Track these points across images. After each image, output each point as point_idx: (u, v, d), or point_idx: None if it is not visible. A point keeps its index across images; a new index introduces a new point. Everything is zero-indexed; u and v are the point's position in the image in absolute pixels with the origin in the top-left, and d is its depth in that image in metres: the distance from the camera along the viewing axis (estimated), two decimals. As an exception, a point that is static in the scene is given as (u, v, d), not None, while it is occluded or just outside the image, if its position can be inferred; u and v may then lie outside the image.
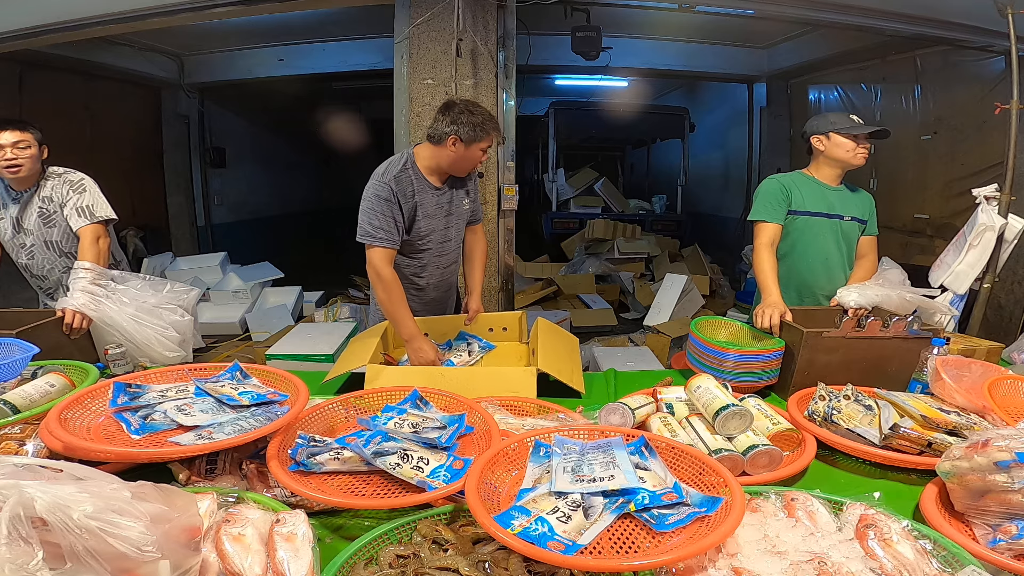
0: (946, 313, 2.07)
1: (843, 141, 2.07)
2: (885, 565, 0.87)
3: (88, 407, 1.26)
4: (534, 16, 3.29)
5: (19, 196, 2.22)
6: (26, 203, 2.22)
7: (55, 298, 2.32)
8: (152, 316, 1.99)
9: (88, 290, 1.94)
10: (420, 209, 1.99)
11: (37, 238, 2.24)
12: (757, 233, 2.12)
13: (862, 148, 2.06)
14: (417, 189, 1.97)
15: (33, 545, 0.67)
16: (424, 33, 2.68)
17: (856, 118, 2.05)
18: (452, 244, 2.16)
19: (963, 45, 3.47)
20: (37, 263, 2.28)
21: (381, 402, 1.41)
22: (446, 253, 2.15)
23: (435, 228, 2.06)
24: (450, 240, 2.14)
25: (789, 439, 1.35)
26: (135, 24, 3.10)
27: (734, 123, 6.80)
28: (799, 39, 5.07)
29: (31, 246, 2.25)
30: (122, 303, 1.97)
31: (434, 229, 2.06)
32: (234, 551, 0.86)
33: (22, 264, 2.30)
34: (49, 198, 2.22)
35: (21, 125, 2.15)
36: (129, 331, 1.93)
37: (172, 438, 1.17)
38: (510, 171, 2.89)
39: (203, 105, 6.07)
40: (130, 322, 1.94)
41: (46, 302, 2.39)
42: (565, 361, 1.80)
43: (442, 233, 2.10)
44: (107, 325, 1.92)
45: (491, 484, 1.02)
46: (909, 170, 4.27)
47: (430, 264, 2.13)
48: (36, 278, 2.33)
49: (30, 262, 2.28)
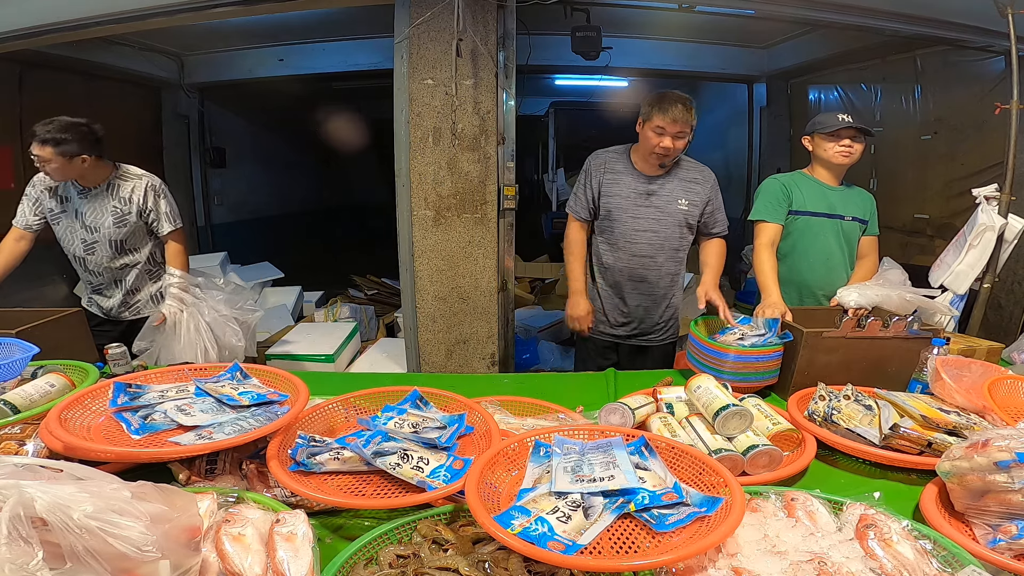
0: (946, 313, 2.07)
1: (822, 141, 2.08)
2: (885, 565, 0.87)
3: (88, 407, 1.26)
4: (534, 16, 3.29)
5: (86, 192, 2.24)
6: (96, 200, 2.24)
7: (104, 294, 2.37)
8: (219, 330, 2.36)
9: (179, 297, 2.30)
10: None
11: (103, 236, 2.26)
12: (757, 233, 2.12)
13: (841, 147, 2.06)
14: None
15: (33, 545, 0.67)
16: (424, 33, 2.67)
17: (844, 116, 2.05)
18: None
19: (963, 45, 3.47)
20: (96, 259, 2.30)
21: (381, 402, 1.41)
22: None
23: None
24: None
25: (789, 439, 1.35)
26: (135, 24, 3.09)
27: (734, 123, 6.79)
28: (799, 39, 5.06)
29: (93, 242, 2.27)
30: (202, 313, 2.34)
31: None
32: (234, 551, 0.86)
33: (77, 256, 2.31)
34: (128, 199, 2.27)
35: (42, 142, 2.07)
36: (186, 341, 2.27)
37: (172, 438, 1.17)
38: (510, 171, 2.89)
39: (203, 105, 6.06)
40: (192, 333, 2.29)
41: (91, 296, 2.41)
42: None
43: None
44: (175, 332, 2.26)
45: (491, 484, 1.03)
46: (909, 170, 4.26)
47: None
48: (89, 272, 2.34)
49: (88, 256, 2.30)
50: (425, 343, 3.01)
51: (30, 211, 2.26)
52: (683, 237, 2.20)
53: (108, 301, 2.37)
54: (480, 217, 2.87)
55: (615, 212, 2.17)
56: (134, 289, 2.37)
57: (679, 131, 2.00)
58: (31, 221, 2.26)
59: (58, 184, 2.25)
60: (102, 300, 2.38)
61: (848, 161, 2.08)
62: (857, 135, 2.05)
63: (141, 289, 2.38)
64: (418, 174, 2.80)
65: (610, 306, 2.27)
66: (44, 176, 2.24)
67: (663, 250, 2.18)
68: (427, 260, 2.90)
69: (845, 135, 2.05)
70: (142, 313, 2.39)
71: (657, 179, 2.14)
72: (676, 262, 2.22)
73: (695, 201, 2.15)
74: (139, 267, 2.36)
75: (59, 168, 2.12)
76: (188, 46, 5.31)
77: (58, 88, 4.37)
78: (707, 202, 2.18)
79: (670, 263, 2.21)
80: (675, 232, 2.17)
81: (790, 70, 5.55)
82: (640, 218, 2.15)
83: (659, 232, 2.15)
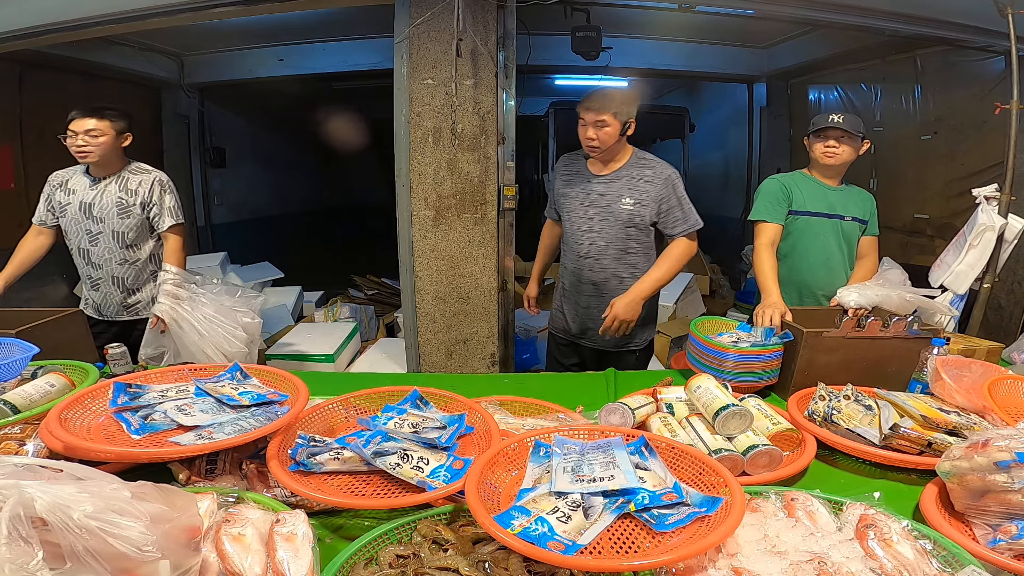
0: (946, 313, 2.07)
1: (811, 141, 2.09)
2: (885, 565, 0.87)
3: (88, 407, 1.26)
4: (534, 16, 3.29)
5: (97, 181, 2.27)
6: (104, 190, 2.26)
7: (99, 289, 2.36)
8: (227, 317, 2.26)
9: (172, 293, 2.22)
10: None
11: (107, 227, 2.27)
12: (757, 233, 2.12)
13: (826, 148, 2.06)
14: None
15: (33, 545, 0.67)
16: (424, 33, 2.68)
17: (834, 117, 2.04)
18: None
19: (963, 45, 3.47)
20: (99, 251, 2.30)
21: (381, 402, 1.41)
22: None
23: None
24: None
25: (789, 439, 1.35)
26: (135, 24, 3.09)
27: (734, 123, 6.79)
28: (799, 39, 5.06)
29: (98, 233, 2.28)
30: (201, 304, 2.25)
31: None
32: (234, 551, 0.86)
33: (82, 248, 2.32)
34: (134, 191, 2.29)
35: (99, 113, 2.18)
36: (202, 332, 2.19)
37: (172, 438, 1.17)
38: (510, 171, 2.89)
39: (203, 105, 6.06)
40: (204, 323, 2.21)
41: (89, 294, 2.39)
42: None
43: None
44: (182, 328, 2.18)
45: (491, 484, 1.02)
46: (909, 170, 4.26)
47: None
48: (91, 265, 2.34)
49: (92, 248, 2.30)
50: (425, 343, 3.01)
51: (44, 207, 2.31)
52: (632, 238, 2.09)
53: (105, 298, 2.36)
54: (480, 217, 2.87)
55: (565, 212, 2.18)
56: (134, 288, 2.37)
57: (597, 120, 1.95)
58: (45, 217, 2.31)
59: (68, 177, 2.28)
60: (97, 296, 2.36)
61: (833, 162, 2.07)
62: (844, 136, 2.04)
63: (141, 289, 2.38)
64: (418, 174, 2.81)
65: (568, 307, 2.26)
66: (57, 173, 2.29)
67: (607, 251, 2.10)
68: (427, 260, 2.90)
69: (831, 135, 2.04)
70: (141, 315, 2.38)
71: (604, 178, 2.09)
72: (626, 264, 2.12)
73: (643, 200, 2.05)
74: (139, 264, 2.36)
75: (107, 143, 2.19)
76: (188, 46, 5.31)
77: (58, 88, 4.36)
78: (659, 201, 2.06)
79: (617, 265, 2.12)
80: (619, 232, 2.08)
81: (790, 70, 5.55)
82: (586, 218, 2.11)
83: (602, 233, 2.09)
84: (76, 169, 2.31)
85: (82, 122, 2.15)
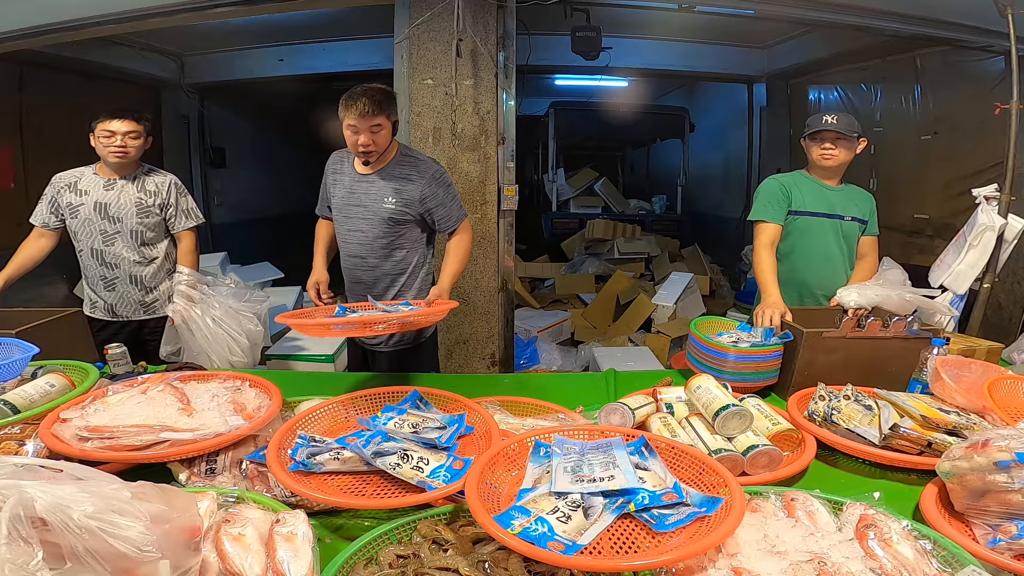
0: (946, 313, 2.07)
1: (807, 143, 2.09)
2: (885, 565, 0.87)
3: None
4: (534, 16, 3.29)
5: (112, 183, 2.27)
6: (121, 192, 2.27)
7: (115, 289, 2.34)
8: (233, 322, 2.31)
9: (186, 295, 2.26)
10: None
11: (124, 226, 2.28)
12: (757, 233, 2.11)
13: (823, 150, 2.05)
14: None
15: (33, 545, 0.67)
16: (424, 33, 2.68)
17: (828, 118, 2.03)
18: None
19: (963, 45, 3.47)
20: (115, 251, 2.29)
21: (381, 402, 1.41)
22: None
23: None
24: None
25: (789, 439, 1.35)
26: (135, 24, 3.10)
27: (734, 123, 6.79)
28: (799, 39, 5.07)
29: (114, 233, 2.28)
30: (212, 308, 2.29)
31: None
32: (234, 551, 0.86)
33: (95, 249, 2.29)
34: (153, 192, 2.31)
35: (136, 116, 2.22)
36: (208, 338, 2.24)
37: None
38: (510, 171, 2.89)
39: (203, 105, 6.06)
40: (211, 326, 2.25)
41: (101, 294, 2.36)
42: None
43: None
44: (191, 332, 2.23)
45: (491, 484, 1.02)
46: (909, 170, 4.26)
47: None
48: (105, 266, 2.31)
49: (106, 248, 2.29)
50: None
51: (47, 209, 2.30)
52: (398, 236, 2.04)
53: (122, 298, 2.34)
54: (480, 217, 2.87)
55: (334, 212, 2.13)
56: (152, 287, 2.37)
57: (373, 124, 1.86)
58: (47, 218, 2.29)
59: (78, 178, 2.28)
60: (113, 297, 2.34)
61: (830, 164, 2.07)
62: (840, 137, 2.03)
63: (159, 287, 2.39)
64: (418, 174, 2.80)
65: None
66: (62, 174, 2.29)
67: (373, 251, 2.06)
68: (427, 260, 2.89)
69: (826, 137, 2.04)
70: (158, 313, 2.38)
71: (369, 177, 2.03)
72: (395, 262, 2.08)
73: (405, 199, 1.99)
74: (157, 262, 2.36)
75: (141, 145, 2.24)
76: (188, 46, 5.31)
77: (58, 88, 4.37)
78: (422, 200, 1.99)
79: (386, 264, 2.08)
80: (382, 231, 2.02)
81: (790, 70, 5.55)
82: (353, 218, 2.06)
83: (367, 232, 2.04)
84: (83, 170, 2.30)
85: (123, 124, 2.17)
